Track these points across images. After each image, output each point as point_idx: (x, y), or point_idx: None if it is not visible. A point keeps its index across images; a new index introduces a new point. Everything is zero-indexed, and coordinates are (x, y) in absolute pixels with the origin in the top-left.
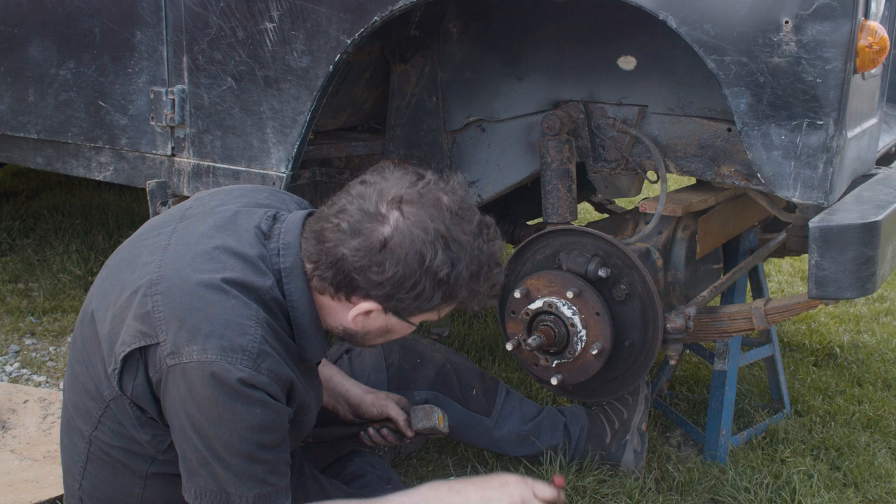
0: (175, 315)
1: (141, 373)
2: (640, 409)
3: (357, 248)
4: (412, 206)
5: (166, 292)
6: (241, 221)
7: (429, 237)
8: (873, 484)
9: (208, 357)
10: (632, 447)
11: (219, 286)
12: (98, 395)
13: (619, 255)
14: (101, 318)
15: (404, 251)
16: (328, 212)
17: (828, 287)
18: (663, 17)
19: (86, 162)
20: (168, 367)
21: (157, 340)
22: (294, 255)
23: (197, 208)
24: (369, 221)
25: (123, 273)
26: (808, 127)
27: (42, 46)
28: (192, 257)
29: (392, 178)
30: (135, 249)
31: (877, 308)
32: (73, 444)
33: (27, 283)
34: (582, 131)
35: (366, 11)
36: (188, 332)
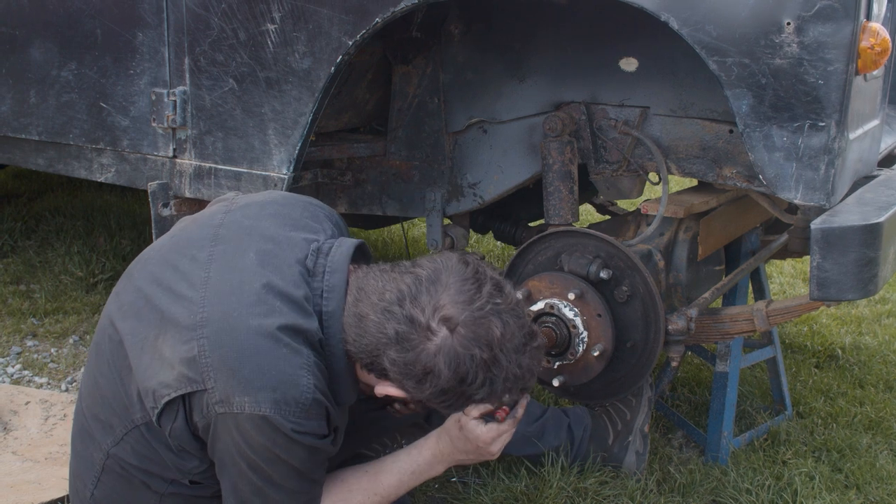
0: (224, 364)
1: (181, 415)
2: (642, 411)
3: (396, 359)
4: (464, 329)
5: (214, 337)
6: (284, 255)
7: (473, 364)
8: (875, 486)
9: (262, 410)
10: (634, 448)
11: (270, 334)
12: (125, 414)
13: (621, 257)
14: (135, 345)
15: (445, 373)
16: (376, 292)
17: (829, 289)
18: (665, 18)
19: (87, 163)
20: (217, 414)
21: (205, 387)
22: (337, 300)
23: (230, 228)
24: (416, 333)
25: (160, 300)
26: (809, 128)
27: (43, 48)
28: (238, 299)
29: (451, 285)
30: (168, 272)
31: (879, 310)
32: (87, 452)
33: (29, 285)
34: (584, 133)
35: (367, 13)
36: (239, 382)
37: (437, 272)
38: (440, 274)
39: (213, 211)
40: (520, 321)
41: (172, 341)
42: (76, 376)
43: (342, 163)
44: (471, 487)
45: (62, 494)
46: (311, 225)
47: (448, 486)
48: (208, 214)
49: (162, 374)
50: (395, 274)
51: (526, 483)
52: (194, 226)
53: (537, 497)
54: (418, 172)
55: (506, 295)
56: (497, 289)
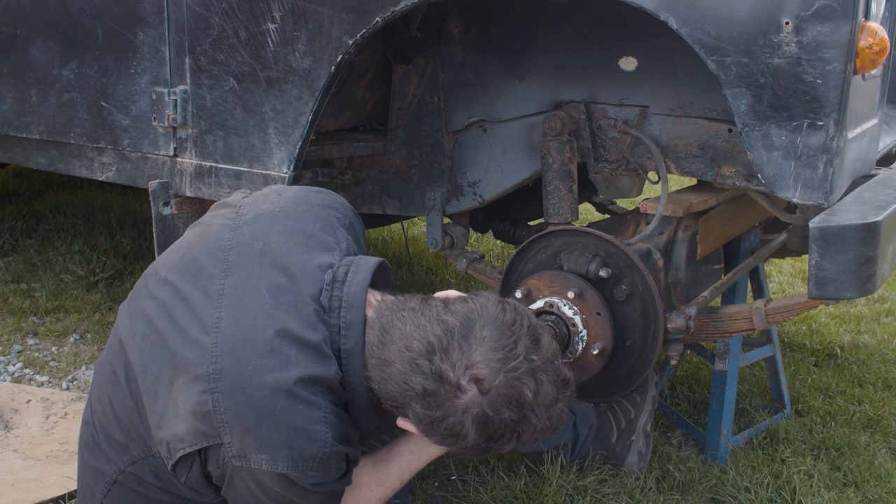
0: (240, 420)
1: (197, 466)
2: (646, 410)
3: (421, 415)
4: (496, 392)
5: (228, 392)
6: (297, 291)
7: (502, 426)
8: (873, 484)
9: (279, 469)
10: (636, 448)
11: (286, 391)
12: (143, 442)
13: (620, 256)
14: (149, 387)
15: (472, 434)
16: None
17: (828, 287)
18: (664, 18)
19: (88, 162)
20: (234, 467)
21: (221, 441)
22: (356, 338)
23: (240, 253)
24: (444, 390)
25: (172, 339)
26: (808, 128)
27: (44, 47)
28: (251, 349)
29: (485, 339)
30: (180, 307)
31: (877, 308)
32: (97, 464)
33: (30, 284)
34: (583, 132)
35: (367, 12)
36: (255, 440)
37: (470, 322)
38: (474, 325)
39: (221, 226)
40: (555, 376)
41: (185, 391)
42: (77, 374)
43: (342, 162)
44: (470, 485)
45: (63, 492)
46: (326, 240)
47: (448, 484)
48: (216, 233)
49: (176, 427)
50: (423, 318)
51: (525, 481)
52: (202, 247)
53: (537, 495)
54: (418, 171)
55: (541, 349)
56: (534, 343)
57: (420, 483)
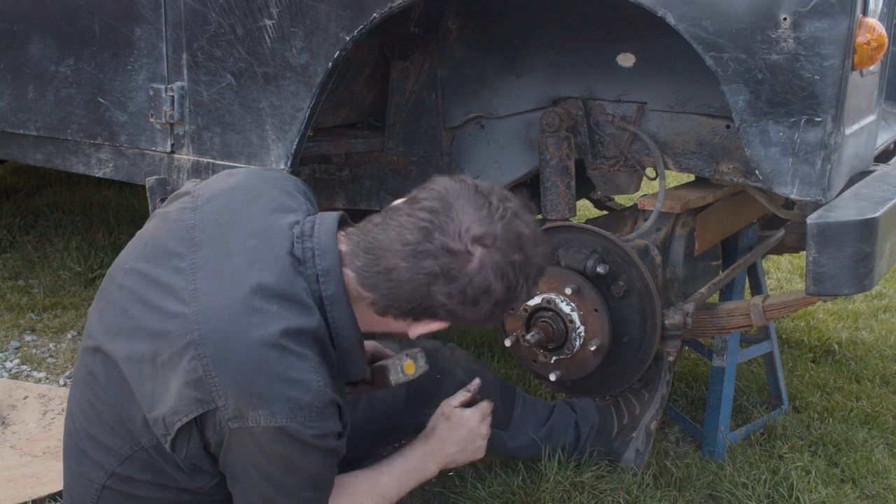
0: (232, 380)
1: (195, 437)
2: (653, 407)
3: (450, 292)
4: (499, 241)
5: (216, 356)
6: (270, 248)
7: (514, 270)
8: (871, 480)
9: (277, 422)
10: (635, 446)
11: (273, 344)
12: (130, 437)
13: (618, 252)
14: (134, 372)
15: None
16: (395, 241)
17: (826, 283)
18: (662, 13)
19: (85, 159)
20: (231, 430)
21: (216, 405)
22: (336, 282)
23: (206, 228)
24: (457, 262)
25: (149, 321)
26: (805, 124)
27: (42, 43)
28: (232, 310)
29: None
30: (152, 290)
31: (875, 305)
32: (83, 471)
33: (27, 280)
34: (581, 128)
35: (365, 8)
36: (250, 397)
37: (444, 199)
38: (448, 200)
39: (180, 209)
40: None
41: (173, 364)
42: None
43: (340, 158)
44: (468, 482)
45: (60, 489)
46: (287, 203)
47: (445, 481)
48: (176, 216)
49: (169, 401)
50: (400, 219)
51: (523, 477)
52: (165, 231)
53: (534, 491)
54: (416, 168)
55: (509, 197)
56: (502, 193)
57: None
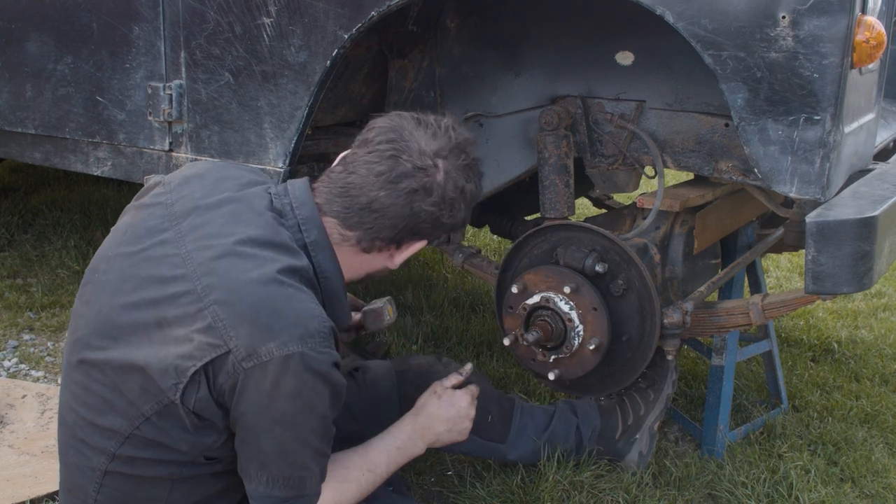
0: (242, 320)
1: (204, 385)
2: (658, 408)
3: (434, 201)
4: (451, 156)
5: (222, 301)
6: (250, 207)
7: (469, 170)
8: (870, 479)
9: (290, 349)
10: (639, 447)
11: (272, 279)
12: (130, 411)
13: (617, 251)
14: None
15: (469, 186)
16: (367, 176)
17: (825, 282)
18: (660, 11)
19: (84, 157)
20: (245, 371)
21: (228, 348)
22: (317, 228)
23: (183, 203)
24: (429, 176)
25: (144, 291)
26: (805, 122)
27: (40, 41)
28: (227, 260)
29: (413, 132)
30: (141, 263)
31: (875, 303)
32: (84, 462)
33: (25, 279)
34: (580, 126)
35: (363, 6)
36: (261, 331)
37: (394, 130)
38: (398, 130)
39: (154, 195)
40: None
41: (182, 320)
42: None
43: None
44: (467, 481)
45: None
46: (256, 178)
47: (444, 480)
48: (151, 201)
49: (179, 349)
50: (364, 157)
51: (522, 477)
52: (143, 217)
53: (533, 490)
54: None
55: (440, 116)
56: (434, 115)
57: (417, 479)
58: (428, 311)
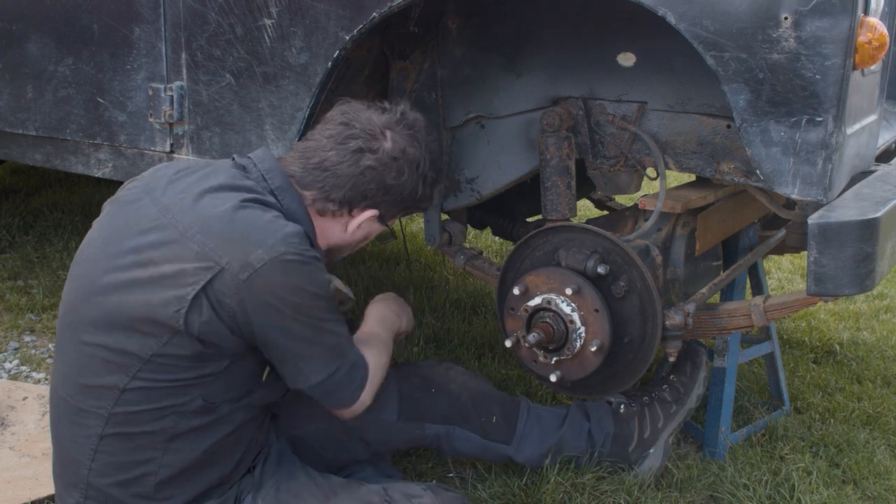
0: (225, 239)
1: (207, 308)
2: (676, 422)
3: (379, 161)
4: (398, 128)
5: (204, 230)
6: (218, 169)
7: (419, 155)
8: (872, 481)
9: (277, 251)
10: (651, 462)
11: (240, 206)
12: (126, 363)
13: (619, 252)
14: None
15: (412, 151)
16: (322, 140)
17: (827, 284)
18: (662, 13)
19: (84, 159)
20: (243, 282)
21: (221, 266)
22: (281, 177)
23: (158, 183)
24: (375, 140)
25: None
26: (807, 123)
27: (40, 43)
28: (202, 204)
29: (361, 110)
30: (117, 231)
31: (876, 305)
32: (77, 432)
33: (27, 281)
34: (581, 128)
35: (364, 8)
36: (247, 243)
37: (350, 110)
38: (353, 109)
39: (128, 189)
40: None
41: (168, 258)
42: None
43: None
44: (468, 482)
45: None
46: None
47: (446, 482)
48: (124, 193)
49: (174, 281)
50: (317, 131)
51: (524, 478)
52: (120, 204)
53: (535, 492)
54: None
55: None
56: (390, 103)
57: (417, 480)
58: (429, 312)
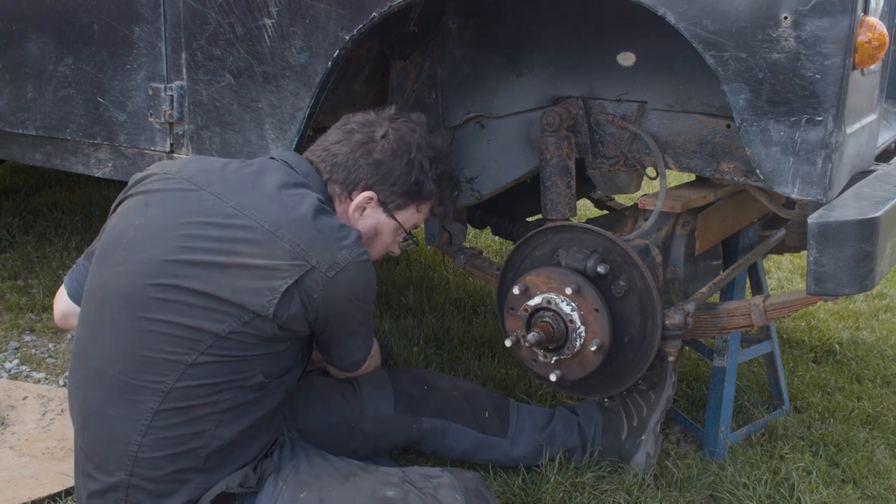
0: (314, 241)
1: (297, 301)
2: (660, 409)
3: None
4: (399, 123)
5: (293, 230)
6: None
7: (414, 140)
8: (872, 480)
9: (355, 252)
10: (645, 449)
11: (318, 209)
12: (196, 338)
13: (618, 252)
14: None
15: (397, 143)
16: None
17: (826, 283)
18: (662, 12)
19: (84, 158)
20: (330, 279)
21: (312, 265)
22: (317, 179)
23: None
24: (373, 129)
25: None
26: (806, 123)
27: (40, 42)
28: (278, 202)
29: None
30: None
31: (876, 305)
32: (131, 408)
33: (27, 280)
34: (581, 128)
35: (364, 7)
36: (331, 246)
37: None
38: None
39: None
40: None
41: (258, 254)
42: None
43: None
44: None
45: (59, 489)
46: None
47: None
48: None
49: (268, 273)
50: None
51: (523, 478)
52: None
53: (534, 492)
54: None
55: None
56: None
57: None
58: (429, 312)
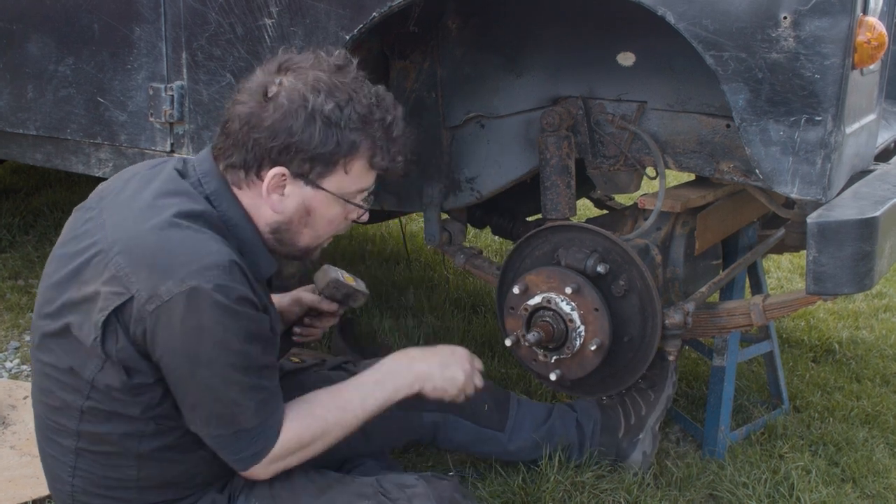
0: (140, 264)
1: (121, 334)
2: (658, 409)
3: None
4: (296, 66)
5: (125, 251)
6: (157, 174)
7: (309, 86)
8: (871, 479)
9: (186, 285)
10: (643, 448)
11: (169, 223)
12: (77, 384)
13: (618, 252)
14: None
15: (289, 96)
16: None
17: (826, 283)
18: (662, 12)
19: (85, 158)
20: (149, 313)
21: (131, 293)
22: (216, 179)
23: (105, 196)
24: (258, 90)
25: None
26: (806, 123)
27: (41, 43)
28: (133, 215)
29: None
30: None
31: (876, 304)
32: (57, 448)
33: (27, 280)
34: (581, 127)
35: (364, 7)
36: (158, 273)
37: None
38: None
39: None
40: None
41: (93, 277)
42: None
43: None
44: (468, 481)
45: None
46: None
47: None
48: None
49: (94, 305)
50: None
51: (523, 477)
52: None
53: (535, 491)
54: (416, 167)
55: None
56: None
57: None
58: (429, 311)
